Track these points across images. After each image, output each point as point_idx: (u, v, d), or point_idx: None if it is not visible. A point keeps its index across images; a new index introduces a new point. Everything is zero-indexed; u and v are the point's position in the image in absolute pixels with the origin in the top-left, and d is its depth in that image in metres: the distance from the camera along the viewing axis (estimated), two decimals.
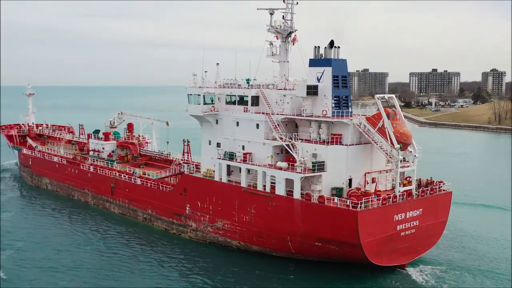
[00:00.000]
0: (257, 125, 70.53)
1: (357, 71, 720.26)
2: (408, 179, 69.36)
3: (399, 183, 63.38)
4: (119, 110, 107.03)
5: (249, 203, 67.99)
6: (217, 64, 78.49)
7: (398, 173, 62.62)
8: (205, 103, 75.05)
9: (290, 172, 63.75)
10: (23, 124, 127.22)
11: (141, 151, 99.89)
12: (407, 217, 62.81)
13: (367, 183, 66.19)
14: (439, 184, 68.52)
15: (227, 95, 75.47)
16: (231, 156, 70.89)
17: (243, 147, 72.24)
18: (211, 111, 75.16)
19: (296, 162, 64.18)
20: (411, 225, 63.45)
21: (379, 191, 64.85)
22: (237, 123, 73.17)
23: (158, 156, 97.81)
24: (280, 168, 64.96)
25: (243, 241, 69.72)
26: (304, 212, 62.25)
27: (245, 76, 76.76)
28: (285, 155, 67.68)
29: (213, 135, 76.70)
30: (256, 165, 68.21)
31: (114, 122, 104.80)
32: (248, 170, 69.21)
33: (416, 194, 64.29)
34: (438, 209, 66.85)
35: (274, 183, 65.39)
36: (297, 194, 62.80)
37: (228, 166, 71.64)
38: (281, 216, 64.65)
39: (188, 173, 78.25)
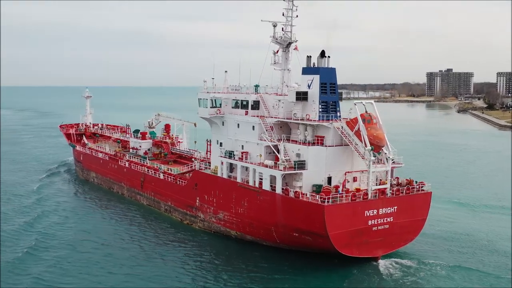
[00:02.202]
0: (253, 127, 78.30)
1: (440, 71, 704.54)
2: (396, 179, 75.13)
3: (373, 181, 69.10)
4: (157, 111, 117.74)
5: (243, 197, 75.86)
6: (225, 71, 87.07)
7: (370, 173, 68.18)
8: (212, 107, 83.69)
9: (273, 169, 71.15)
10: (81, 124, 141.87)
11: (172, 150, 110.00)
12: (380, 213, 68.20)
13: (348, 181, 72.36)
14: (420, 185, 73.35)
15: (232, 99, 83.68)
16: (230, 154, 79.18)
17: (242, 146, 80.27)
18: (217, 114, 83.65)
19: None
20: (385, 221, 68.70)
21: (359, 189, 70.84)
22: (238, 125, 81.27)
23: (185, 154, 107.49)
24: (266, 166, 72.53)
25: (239, 231, 77.66)
26: (283, 205, 69.40)
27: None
28: (275, 154, 74.95)
29: (220, 136, 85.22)
30: (248, 163, 76.06)
31: (152, 123, 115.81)
32: (246, 168, 77.16)
33: (390, 192, 69.70)
34: (415, 207, 71.53)
35: (262, 179, 73.03)
36: (278, 189, 70.08)
37: (231, 163, 79.99)
38: (267, 209, 72.07)
39: (199, 169, 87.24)
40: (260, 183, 73.16)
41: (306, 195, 66.95)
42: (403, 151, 70.68)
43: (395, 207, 69.39)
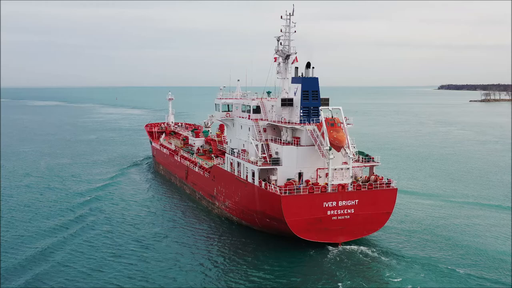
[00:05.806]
0: (249, 128, 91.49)
1: None
2: (374, 176, 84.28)
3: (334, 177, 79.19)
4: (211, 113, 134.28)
5: (238, 188, 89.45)
6: (238, 80, 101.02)
7: (330, 169, 78.35)
8: (223, 111, 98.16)
9: (253, 165, 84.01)
10: (162, 123, 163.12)
11: (219, 147, 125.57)
12: (340, 205, 78.17)
13: (319, 177, 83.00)
14: (388, 182, 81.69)
15: (242, 104, 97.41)
16: (232, 152, 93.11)
17: (243, 145, 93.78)
18: (227, 117, 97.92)
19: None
20: (345, 212, 78.44)
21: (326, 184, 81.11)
22: (241, 127, 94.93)
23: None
24: (250, 162, 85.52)
25: (237, 216, 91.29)
26: (258, 195, 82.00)
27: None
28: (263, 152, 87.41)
29: (230, 135, 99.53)
30: (240, 158, 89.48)
31: (208, 123, 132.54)
32: (240, 163, 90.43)
33: (352, 187, 79.23)
34: (379, 202, 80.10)
35: (248, 173, 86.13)
36: (256, 182, 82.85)
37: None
38: (250, 198, 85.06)
39: (217, 164, 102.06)
40: (247, 176, 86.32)
41: (271, 186, 79.06)
42: None
43: (356, 200, 78.75)
